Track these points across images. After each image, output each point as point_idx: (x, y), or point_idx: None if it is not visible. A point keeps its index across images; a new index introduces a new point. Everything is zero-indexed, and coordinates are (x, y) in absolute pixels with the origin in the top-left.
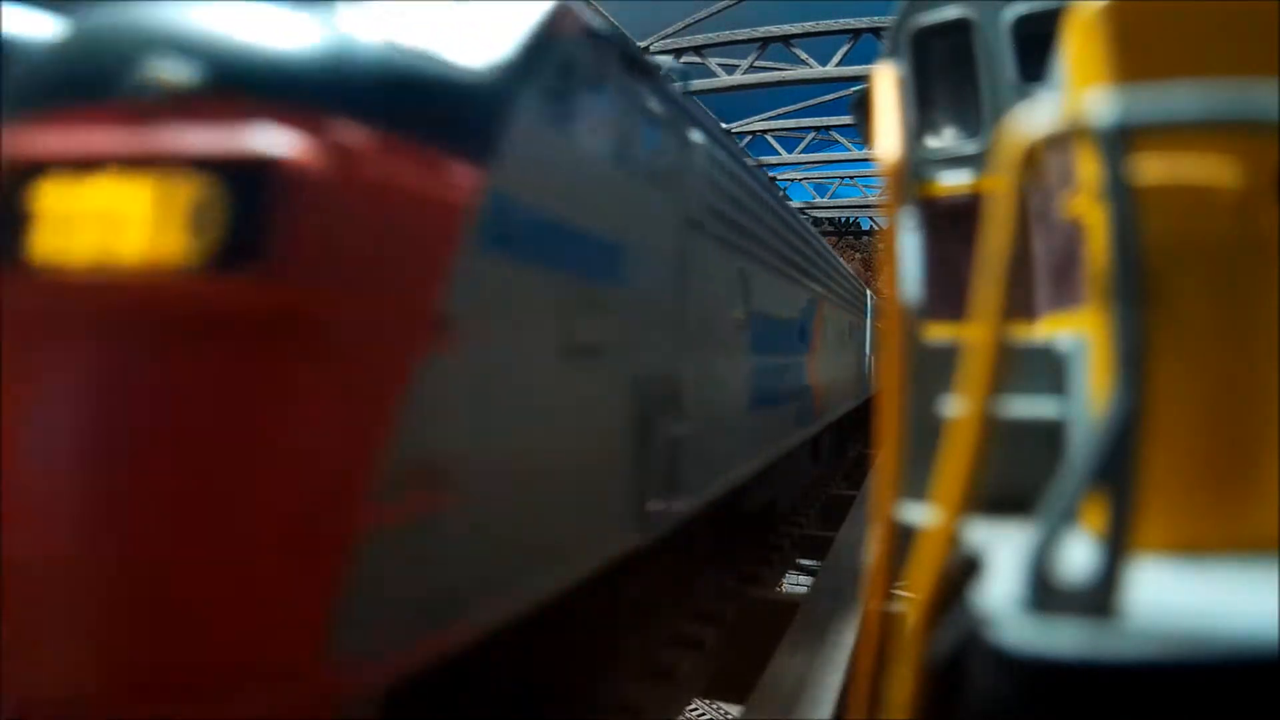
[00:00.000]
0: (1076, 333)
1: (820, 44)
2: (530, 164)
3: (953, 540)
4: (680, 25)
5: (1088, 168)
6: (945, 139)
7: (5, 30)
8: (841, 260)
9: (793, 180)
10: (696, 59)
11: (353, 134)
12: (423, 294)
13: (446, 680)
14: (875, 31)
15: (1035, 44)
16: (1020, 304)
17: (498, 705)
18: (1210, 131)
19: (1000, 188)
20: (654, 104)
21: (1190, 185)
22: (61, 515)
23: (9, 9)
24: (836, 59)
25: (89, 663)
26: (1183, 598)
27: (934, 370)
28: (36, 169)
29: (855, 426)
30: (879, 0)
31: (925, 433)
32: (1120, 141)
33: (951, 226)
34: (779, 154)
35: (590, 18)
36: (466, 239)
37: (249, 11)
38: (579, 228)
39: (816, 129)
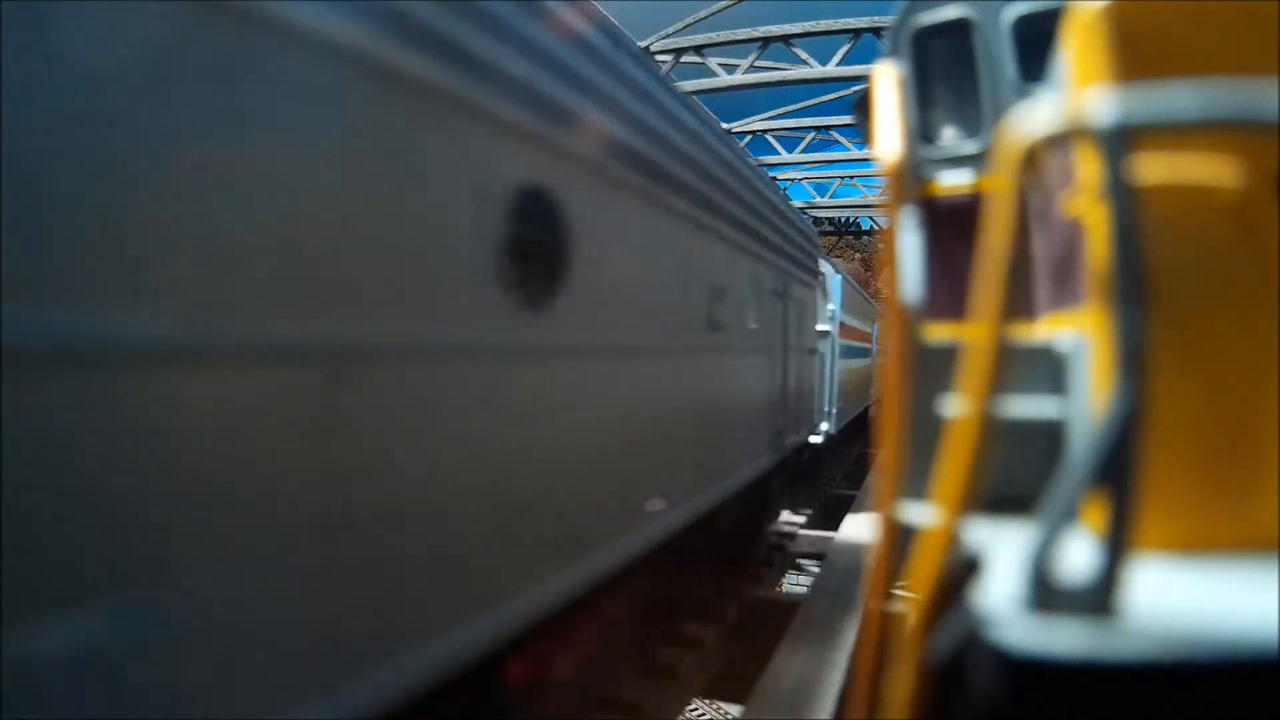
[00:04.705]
0: (1076, 332)
1: (820, 44)
2: None
3: (953, 540)
4: (680, 25)
5: (1088, 168)
6: (945, 139)
7: None
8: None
9: (793, 180)
10: (696, 59)
11: None
12: None
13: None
14: (875, 31)
15: (1035, 44)
16: (1020, 304)
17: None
18: (1210, 131)
19: (1000, 188)
20: None
21: (1190, 185)
22: None
23: None
24: (836, 59)
25: None
26: (1183, 598)
27: (934, 370)
28: None
29: None
30: (879, 0)
31: (925, 433)
32: (1120, 141)
33: (951, 226)
34: (779, 154)
35: None
36: None
37: None
38: None
39: (816, 129)
